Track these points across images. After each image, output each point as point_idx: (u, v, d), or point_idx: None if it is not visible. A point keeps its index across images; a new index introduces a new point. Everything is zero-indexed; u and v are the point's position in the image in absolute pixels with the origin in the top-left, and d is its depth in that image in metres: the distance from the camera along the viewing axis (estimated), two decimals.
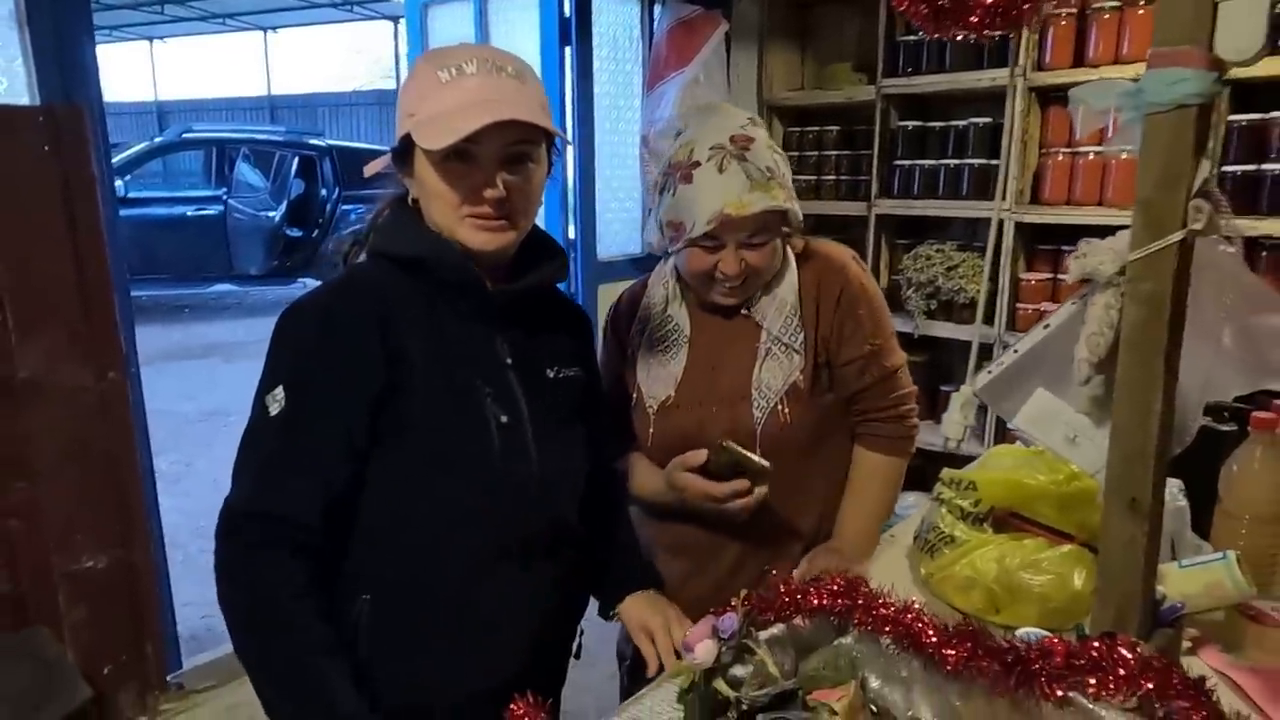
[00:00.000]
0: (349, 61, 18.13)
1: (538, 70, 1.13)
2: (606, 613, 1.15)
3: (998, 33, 0.81)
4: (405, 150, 0.99)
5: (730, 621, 0.73)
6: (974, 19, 0.83)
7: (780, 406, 1.23)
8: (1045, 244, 2.81)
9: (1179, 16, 0.79)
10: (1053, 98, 2.70)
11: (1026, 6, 0.82)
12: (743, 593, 0.78)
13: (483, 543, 0.99)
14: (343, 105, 17.59)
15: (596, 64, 2.88)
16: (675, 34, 2.95)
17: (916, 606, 0.78)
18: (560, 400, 1.07)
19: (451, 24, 3.03)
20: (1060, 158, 2.66)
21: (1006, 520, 1.27)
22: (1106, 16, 2.50)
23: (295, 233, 8.21)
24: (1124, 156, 2.52)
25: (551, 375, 1.07)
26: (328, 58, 18.09)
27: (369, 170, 1.06)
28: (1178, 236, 0.81)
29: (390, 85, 17.06)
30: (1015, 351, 0.98)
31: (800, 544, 1.31)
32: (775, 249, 1.23)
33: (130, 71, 18.80)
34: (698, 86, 2.96)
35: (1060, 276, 2.76)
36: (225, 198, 8.09)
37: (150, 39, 18.86)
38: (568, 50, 2.80)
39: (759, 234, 1.19)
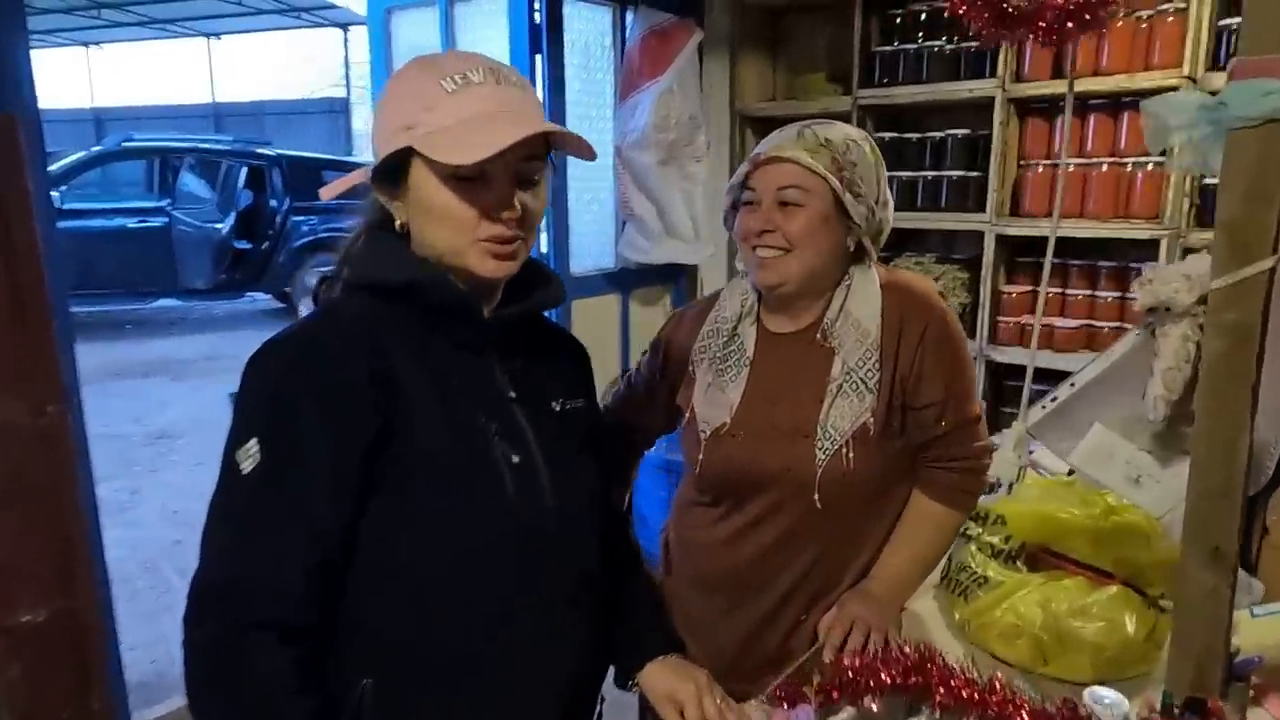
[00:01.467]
0: (296, 69, 17.70)
1: None
2: (624, 681, 1.04)
3: (1065, 38, 0.74)
4: (394, 168, 0.89)
5: (805, 716, 0.63)
6: (1042, 23, 0.75)
7: (845, 450, 1.13)
8: (1024, 256, 2.79)
9: (1269, 23, 0.72)
10: (1031, 109, 2.68)
11: (1100, 12, 0.75)
12: (815, 680, 0.68)
13: (499, 597, 0.88)
14: (291, 114, 17.14)
15: (568, 73, 2.78)
16: (648, 42, 2.86)
17: (1001, 682, 0.69)
18: (569, 435, 0.97)
19: (415, 30, 2.90)
20: (1040, 170, 2.63)
21: (1040, 557, 1.20)
22: None
23: (244, 245, 7.93)
24: (1104, 169, 2.51)
25: (557, 408, 0.98)
26: (274, 65, 17.64)
27: (328, 193, 0.95)
28: (1269, 264, 0.74)
29: (340, 94, 16.70)
30: (1071, 385, 0.90)
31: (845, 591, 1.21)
32: (810, 223, 1.15)
33: (66, 78, 18.08)
34: (672, 96, 2.88)
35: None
36: (169, 209, 7.77)
37: (87, 44, 18.19)
38: (538, 58, 2.69)
39: (791, 189, 1.15)
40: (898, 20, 2.89)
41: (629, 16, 2.96)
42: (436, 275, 0.88)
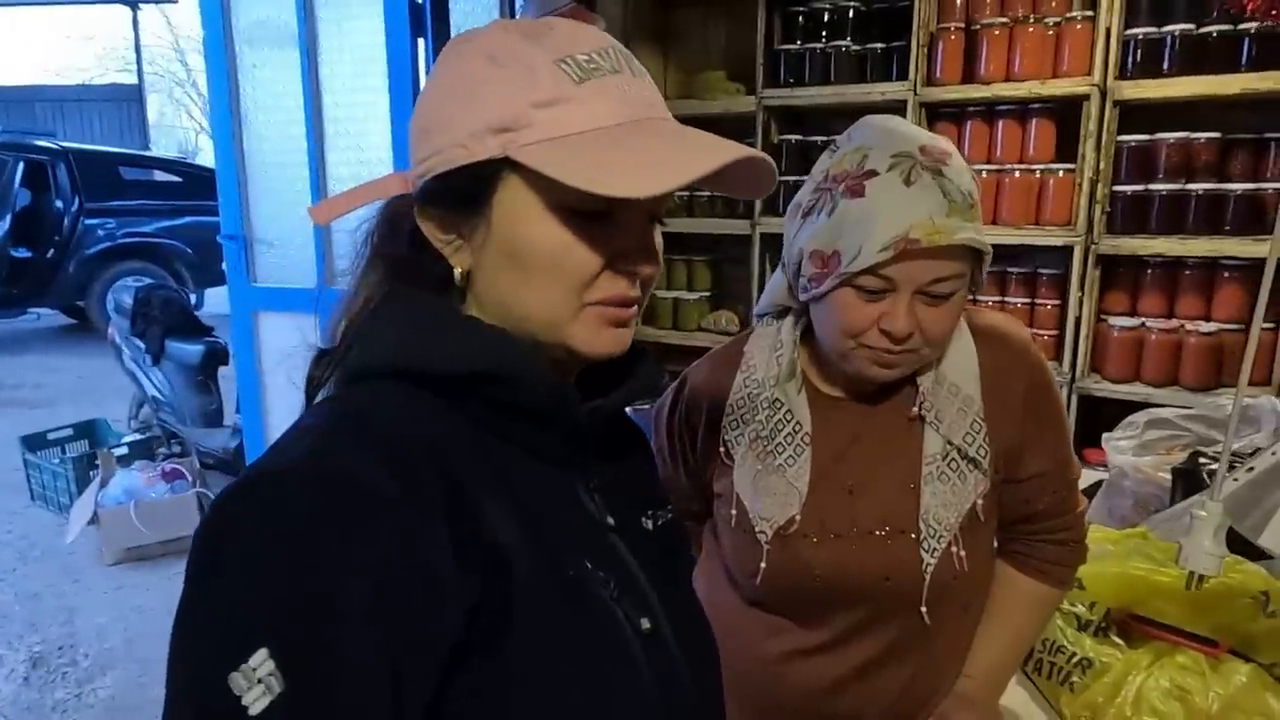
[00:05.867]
0: (75, 50, 15.66)
1: (384, 67, 0.70)
2: None
3: None
4: (468, 189, 0.57)
5: None
6: None
7: (954, 546, 0.90)
8: None
9: None
10: (941, 114, 2.63)
11: None
12: None
13: None
14: (69, 100, 15.07)
15: None
16: None
17: None
18: (672, 562, 0.69)
19: (263, 4, 2.45)
20: None
21: (1130, 625, 1.06)
22: (996, 33, 2.45)
23: (23, 253, 6.83)
24: (1016, 175, 2.50)
25: (649, 526, 0.69)
26: (47, 45, 15.50)
27: (322, 215, 0.59)
28: None
29: (128, 79, 14.92)
30: (1274, 454, 0.75)
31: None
32: (958, 313, 0.90)
33: None
34: None
35: None
36: None
37: None
38: (421, 43, 2.34)
39: (947, 281, 0.85)
40: (800, 19, 2.77)
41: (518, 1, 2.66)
42: (524, 360, 0.58)
